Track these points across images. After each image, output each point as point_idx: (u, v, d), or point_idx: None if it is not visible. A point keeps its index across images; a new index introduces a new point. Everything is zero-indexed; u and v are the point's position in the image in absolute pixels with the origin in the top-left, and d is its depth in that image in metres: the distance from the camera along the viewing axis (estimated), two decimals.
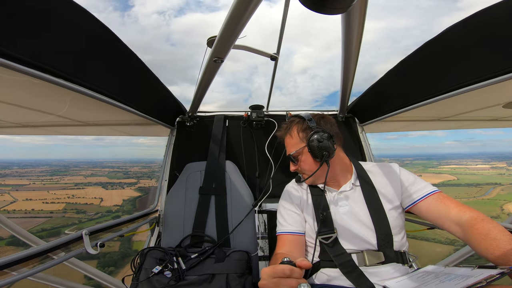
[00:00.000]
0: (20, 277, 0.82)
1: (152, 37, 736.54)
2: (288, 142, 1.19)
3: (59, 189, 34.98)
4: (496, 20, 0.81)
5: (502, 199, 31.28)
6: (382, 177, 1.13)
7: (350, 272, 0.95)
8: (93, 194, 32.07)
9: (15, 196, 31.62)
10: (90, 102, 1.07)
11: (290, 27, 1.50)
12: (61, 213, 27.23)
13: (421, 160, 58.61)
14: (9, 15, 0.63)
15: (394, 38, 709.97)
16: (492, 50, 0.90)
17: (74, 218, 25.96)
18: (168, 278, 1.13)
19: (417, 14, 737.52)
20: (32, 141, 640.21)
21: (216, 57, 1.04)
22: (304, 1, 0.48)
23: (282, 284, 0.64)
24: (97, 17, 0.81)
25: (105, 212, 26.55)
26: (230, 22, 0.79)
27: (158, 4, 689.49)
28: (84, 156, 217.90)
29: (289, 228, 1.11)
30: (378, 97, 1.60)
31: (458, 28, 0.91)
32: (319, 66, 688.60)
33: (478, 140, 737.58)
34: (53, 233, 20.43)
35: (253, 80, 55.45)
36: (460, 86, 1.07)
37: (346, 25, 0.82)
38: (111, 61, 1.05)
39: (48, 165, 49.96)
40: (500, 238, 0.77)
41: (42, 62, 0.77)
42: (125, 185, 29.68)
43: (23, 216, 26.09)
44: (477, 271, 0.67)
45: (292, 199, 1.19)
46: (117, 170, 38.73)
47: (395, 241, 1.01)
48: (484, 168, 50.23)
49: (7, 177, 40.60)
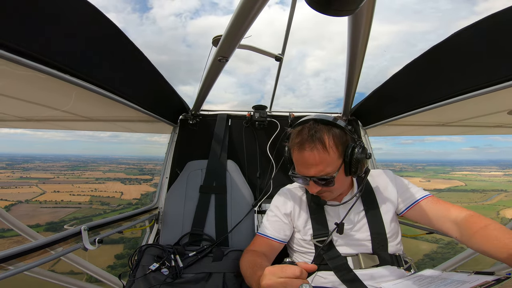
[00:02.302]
0: (17, 272, 0.81)
1: (168, 38, 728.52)
2: (323, 158, 0.89)
3: (82, 183, 37.74)
4: (502, 26, 0.81)
5: (502, 205, 31.64)
6: (379, 183, 1.12)
7: (345, 275, 0.95)
8: (113, 188, 34.17)
9: (43, 188, 33.94)
10: (94, 98, 1.07)
11: (303, 30, 1.51)
12: (88, 204, 29.64)
13: (435, 166, 59.13)
14: (18, 11, 0.63)
15: (409, 41, 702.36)
16: (498, 56, 0.90)
17: (100, 209, 28.57)
18: (165, 276, 1.13)
19: (435, 17, 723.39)
20: (52, 137, 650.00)
21: (221, 56, 1.04)
22: (311, 2, 0.47)
23: (290, 284, 0.63)
24: (116, 17, 0.81)
25: (126, 204, 28.87)
26: (236, 21, 0.78)
27: (175, 6, 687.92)
28: (100, 153, 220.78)
29: (272, 233, 1.09)
30: (382, 100, 1.59)
31: (464, 33, 0.90)
32: (332, 69, 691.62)
33: (496, 147, 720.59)
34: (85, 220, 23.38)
35: (265, 82, 54.83)
36: (465, 91, 1.06)
37: (353, 27, 0.81)
38: (116, 57, 1.05)
39: (67, 160, 53.06)
40: (498, 229, 0.76)
41: (48, 57, 0.77)
42: (141, 181, 31.19)
43: (54, 206, 28.86)
44: (473, 277, 0.67)
45: (283, 205, 1.14)
46: (132, 167, 40.60)
47: (390, 245, 1.01)
48: (497, 175, 50.38)
49: (31, 170, 42.93)
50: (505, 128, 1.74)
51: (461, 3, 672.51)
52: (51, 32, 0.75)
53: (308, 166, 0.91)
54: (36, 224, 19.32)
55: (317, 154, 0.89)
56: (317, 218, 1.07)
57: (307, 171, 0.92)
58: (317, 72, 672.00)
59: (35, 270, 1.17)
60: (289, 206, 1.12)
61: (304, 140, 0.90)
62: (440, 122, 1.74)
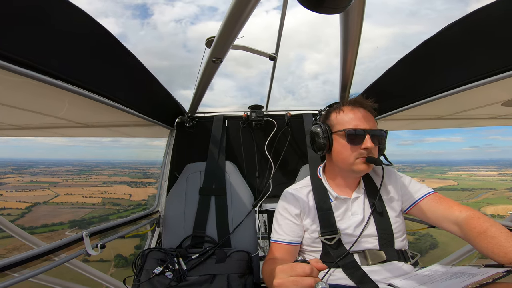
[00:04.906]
0: (21, 279, 0.82)
1: (169, 43, 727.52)
2: (373, 117, 1.06)
3: (90, 186, 39.10)
4: (494, 18, 0.82)
5: (487, 202, 33.40)
6: (384, 180, 1.12)
7: (354, 273, 0.95)
8: (121, 191, 35.78)
9: (55, 191, 35.78)
10: (88, 103, 1.07)
11: (300, 34, 1.52)
12: (101, 205, 31.57)
13: (434, 167, 59.97)
14: (8, 17, 0.63)
15: (405, 42, 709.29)
16: (491, 48, 0.90)
17: (113, 209, 30.39)
18: (169, 279, 1.13)
19: (428, 19, 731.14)
20: (53, 142, 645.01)
21: (215, 58, 1.04)
22: (302, 0, 0.48)
23: (301, 283, 0.62)
24: (116, 21, 0.81)
25: (136, 205, 30.25)
26: (229, 22, 0.79)
27: (175, 12, 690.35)
28: (102, 157, 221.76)
29: (285, 237, 1.08)
30: (376, 96, 1.60)
31: (456, 26, 0.91)
32: (330, 71, 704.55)
33: (496, 147, 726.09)
34: (103, 219, 25.87)
35: (265, 84, 55.95)
36: (459, 84, 1.07)
37: (344, 24, 0.82)
38: (109, 63, 1.05)
39: (71, 165, 54.03)
40: (498, 236, 0.77)
41: (40, 64, 0.77)
42: (147, 184, 32.06)
43: (71, 207, 30.90)
44: (483, 270, 0.67)
45: (291, 206, 1.13)
46: (136, 171, 41.74)
47: (396, 241, 1.02)
48: (492, 174, 51.16)
49: (38, 175, 44.15)
50: (500, 119, 1.75)
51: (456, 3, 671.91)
52: (43, 38, 0.75)
53: (365, 120, 1.01)
54: (59, 222, 20.18)
55: (370, 113, 1.05)
56: (324, 216, 1.06)
57: (365, 124, 1.00)
58: (316, 74, 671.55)
59: (39, 277, 1.17)
60: (297, 207, 1.11)
61: (356, 101, 1.06)
62: (435, 116, 1.75)
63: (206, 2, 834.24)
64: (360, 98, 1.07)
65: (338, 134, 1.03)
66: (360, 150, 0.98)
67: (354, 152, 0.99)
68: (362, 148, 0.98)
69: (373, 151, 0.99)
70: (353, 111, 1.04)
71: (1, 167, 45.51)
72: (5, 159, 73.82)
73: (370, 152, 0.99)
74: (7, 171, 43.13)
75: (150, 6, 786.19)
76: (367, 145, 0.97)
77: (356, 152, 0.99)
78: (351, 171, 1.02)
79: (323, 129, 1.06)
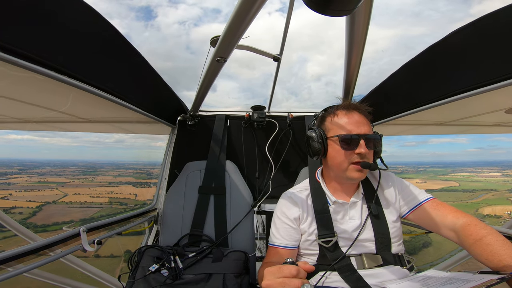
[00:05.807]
0: (16, 273, 0.81)
1: (173, 45, 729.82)
2: (367, 122, 1.05)
3: (97, 186, 40.83)
4: (500, 25, 0.81)
5: (486, 203, 33.69)
6: (382, 185, 1.13)
7: (349, 276, 0.95)
8: (127, 191, 36.94)
9: (63, 191, 37.57)
10: (91, 99, 1.07)
11: (303, 36, 1.51)
12: (108, 204, 32.72)
13: (438, 168, 60.25)
14: (15, 13, 0.63)
15: (407, 44, 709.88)
16: (496, 54, 0.90)
17: (120, 208, 32.53)
18: (164, 277, 1.13)
19: (430, 21, 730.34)
20: (58, 142, 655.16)
21: (219, 57, 1.04)
22: (309, 2, 0.48)
23: (288, 284, 0.63)
24: (120, 23, 0.81)
25: (142, 204, 31.64)
26: (234, 22, 0.78)
27: (179, 14, 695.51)
28: (106, 158, 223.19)
29: (282, 241, 1.08)
30: (380, 100, 1.59)
31: (461, 33, 0.90)
32: (333, 73, 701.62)
33: (501, 148, 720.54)
34: (111, 217, 28.52)
35: (268, 86, 56.23)
36: (463, 90, 1.07)
37: (350, 27, 0.82)
38: (114, 59, 1.05)
39: (76, 165, 56.54)
40: (493, 243, 0.77)
41: (46, 59, 0.77)
42: (151, 184, 33.25)
43: (80, 206, 32.64)
44: (477, 276, 0.67)
45: (289, 210, 1.12)
46: (139, 171, 43.29)
47: (393, 246, 1.02)
48: (495, 175, 51.26)
49: (45, 175, 46.16)
50: (503, 127, 1.74)
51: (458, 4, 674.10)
52: (48, 34, 0.75)
53: (359, 125, 1.00)
54: (70, 220, 20.36)
55: (364, 117, 1.03)
56: (322, 219, 1.06)
57: (360, 129, 0.99)
58: (318, 76, 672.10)
59: (34, 271, 1.17)
60: (296, 210, 1.11)
61: (350, 105, 1.05)
62: (438, 121, 1.74)
63: (209, 4, 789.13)
64: (351, 103, 1.07)
65: (333, 139, 1.02)
66: (354, 155, 0.98)
67: (348, 158, 0.99)
68: (356, 153, 0.97)
69: (368, 155, 0.99)
70: (348, 116, 1.03)
71: (7, 168, 47.47)
72: (11, 160, 75.22)
73: (365, 156, 0.98)
74: (14, 171, 45.02)
75: (154, 8, 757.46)
76: (361, 151, 0.96)
77: (351, 157, 0.98)
78: (345, 177, 1.02)
79: (317, 134, 1.06)
